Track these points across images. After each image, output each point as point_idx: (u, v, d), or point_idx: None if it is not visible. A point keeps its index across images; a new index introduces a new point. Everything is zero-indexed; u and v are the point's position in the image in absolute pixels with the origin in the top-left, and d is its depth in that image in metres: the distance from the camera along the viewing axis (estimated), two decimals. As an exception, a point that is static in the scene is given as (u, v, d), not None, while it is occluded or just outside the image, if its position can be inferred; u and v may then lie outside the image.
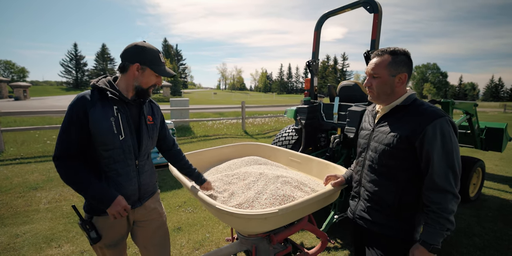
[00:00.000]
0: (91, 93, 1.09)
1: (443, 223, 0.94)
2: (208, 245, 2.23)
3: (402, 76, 1.06)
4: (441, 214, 0.94)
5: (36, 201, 3.13)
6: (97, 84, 1.10)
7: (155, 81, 1.17)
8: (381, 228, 1.10)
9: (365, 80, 1.18)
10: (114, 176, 1.12)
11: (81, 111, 1.04)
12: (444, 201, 0.94)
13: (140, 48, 1.10)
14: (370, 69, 1.10)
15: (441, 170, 0.95)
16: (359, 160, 1.23)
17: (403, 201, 1.05)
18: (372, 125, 1.18)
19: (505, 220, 2.80)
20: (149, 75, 1.13)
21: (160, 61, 1.15)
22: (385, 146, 1.06)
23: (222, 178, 1.78)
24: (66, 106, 1.32)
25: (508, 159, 5.54)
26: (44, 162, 4.75)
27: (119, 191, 1.12)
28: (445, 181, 0.95)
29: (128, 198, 1.16)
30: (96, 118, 1.05)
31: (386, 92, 1.08)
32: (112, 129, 1.08)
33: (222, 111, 13.97)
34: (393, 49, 1.06)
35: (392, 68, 1.05)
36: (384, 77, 1.06)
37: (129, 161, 1.15)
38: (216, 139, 7.13)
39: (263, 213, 1.16)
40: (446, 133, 0.96)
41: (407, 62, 1.06)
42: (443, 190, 0.95)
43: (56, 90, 44.16)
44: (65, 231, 2.46)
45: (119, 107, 1.12)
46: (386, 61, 1.06)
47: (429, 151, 0.96)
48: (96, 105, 1.06)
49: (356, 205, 1.22)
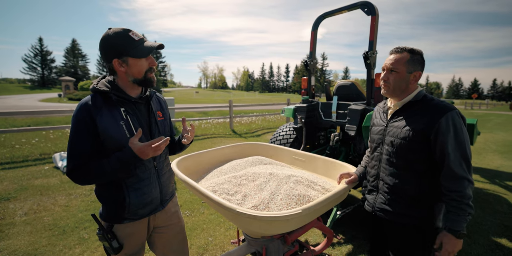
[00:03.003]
0: (93, 98, 0.99)
1: (465, 209, 1.00)
2: (213, 250, 2.17)
3: (417, 74, 1.13)
4: (462, 200, 1.00)
5: (10, 213, 2.80)
6: (97, 87, 0.99)
7: (147, 65, 1.03)
8: (402, 217, 1.15)
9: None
10: (135, 182, 1.04)
11: (88, 120, 0.95)
12: (462, 188, 1.01)
13: (107, 41, 0.96)
14: (390, 64, 1.14)
15: (456, 159, 1.02)
16: (375, 155, 1.27)
17: (422, 190, 1.11)
18: (385, 121, 1.24)
19: (481, 207, 3.06)
20: (135, 64, 0.99)
21: (135, 41, 0.98)
22: (402, 140, 1.12)
23: (230, 179, 1.73)
24: (33, 106, 1.18)
25: (475, 151, 6.04)
26: (14, 169, 4.29)
27: (142, 198, 1.06)
28: (461, 168, 1.02)
29: (152, 202, 1.10)
30: (106, 124, 0.97)
31: (401, 87, 1.14)
32: (124, 133, 1.00)
33: (207, 110, 13.70)
34: (412, 48, 1.13)
35: (410, 65, 1.12)
36: (402, 73, 1.12)
37: (147, 164, 1.08)
38: (205, 139, 6.97)
39: (287, 215, 1.13)
40: (458, 124, 1.04)
41: (422, 61, 1.14)
42: (460, 177, 1.02)
43: (18, 88, 40.27)
44: (50, 245, 2.23)
45: (127, 108, 1.03)
46: (405, 58, 1.12)
47: (444, 142, 1.03)
48: (102, 110, 0.97)
49: (375, 199, 1.27)
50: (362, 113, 2.24)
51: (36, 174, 4.03)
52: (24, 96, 28.38)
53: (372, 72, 2.31)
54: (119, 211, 1.04)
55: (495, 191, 3.63)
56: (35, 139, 6.20)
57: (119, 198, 1.03)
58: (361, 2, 2.26)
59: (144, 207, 1.08)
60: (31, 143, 5.92)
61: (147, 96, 1.11)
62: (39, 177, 3.90)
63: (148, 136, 1.10)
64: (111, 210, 1.05)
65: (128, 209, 1.04)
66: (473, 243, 2.31)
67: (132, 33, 0.98)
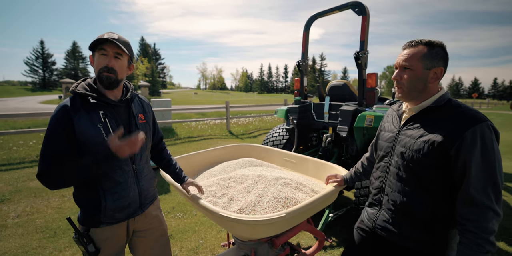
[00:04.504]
0: (72, 100, 0.99)
1: (483, 245, 0.80)
2: (203, 252, 2.15)
3: (437, 70, 0.92)
4: (479, 234, 0.81)
5: (3, 215, 2.79)
6: (76, 90, 0.99)
7: (103, 63, 0.99)
8: (408, 241, 0.97)
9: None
10: (112, 186, 1.03)
11: (65, 121, 0.95)
12: (483, 219, 0.81)
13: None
14: (402, 60, 0.94)
15: (480, 182, 0.82)
16: (382, 165, 1.10)
17: (436, 213, 0.92)
18: (398, 127, 1.05)
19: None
20: (97, 58, 1.00)
21: (100, 37, 0.98)
22: (415, 153, 0.93)
23: (219, 182, 1.71)
24: (33, 108, 1.17)
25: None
26: (10, 170, 4.28)
27: (119, 202, 1.04)
28: (484, 195, 0.82)
29: (129, 206, 1.09)
30: (83, 127, 0.96)
31: (418, 87, 0.94)
32: (101, 136, 0.99)
33: (205, 111, 13.69)
34: (429, 40, 0.92)
35: (428, 60, 0.91)
36: (417, 69, 0.92)
37: (125, 167, 1.06)
38: (201, 140, 6.96)
39: (270, 218, 1.12)
40: (488, 140, 0.83)
41: (443, 55, 0.92)
42: (482, 205, 0.82)
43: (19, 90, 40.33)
44: (40, 248, 2.22)
45: (105, 111, 1.03)
46: (421, 52, 0.91)
47: (467, 161, 0.82)
48: (80, 112, 0.97)
49: (376, 214, 1.10)
50: (353, 114, 2.23)
51: (31, 176, 4.02)
52: (25, 98, 28.40)
53: (364, 72, 2.30)
54: (95, 214, 1.03)
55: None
56: (33, 141, 6.19)
57: (95, 202, 1.02)
58: (352, 2, 2.25)
59: (121, 211, 1.07)
60: (28, 145, 5.91)
61: (127, 99, 1.10)
62: (34, 179, 3.88)
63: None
64: (87, 213, 1.04)
65: (104, 212, 1.02)
66: (467, 245, 2.28)
67: (106, 33, 1.01)
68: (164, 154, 1.40)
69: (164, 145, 1.43)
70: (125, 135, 1.06)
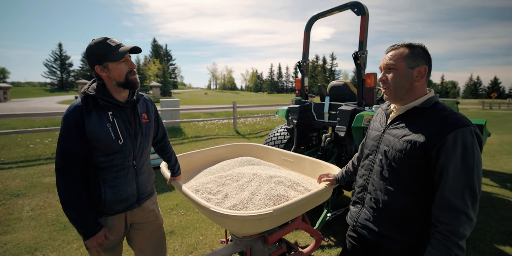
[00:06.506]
0: (85, 101, 1.07)
1: (451, 248, 0.81)
2: (202, 248, 2.21)
3: (421, 69, 0.94)
4: (449, 237, 0.81)
5: (18, 208, 2.98)
6: (88, 92, 1.08)
7: (126, 68, 1.08)
8: (386, 241, 0.98)
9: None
10: (112, 179, 1.12)
11: (78, 121, 1.03)
12: (455, 223, 0.81)
13: (88, 50, 1.06)
14: (386, 60, 0.98)
15: (457, 186, 0.82)
16: (366, 163, 1.11)
17: (415, 214, 0.93)
18: (384, 126, 1.06)
19: (484, 212, 2.92)
20: (114, 68, 1.06)
21: (112, 47, 1.05)
22: (397, 152, 0.94)
23: (216, 179, 1.76)
24: (50, 108, 1.27)
25: (487, 153, 5.79)
26: (26, 167, 4.54)
27: (118, 195, 1.13)
28: (460, 199, 0.82)
29: (127, 199, 1.17)
30: (93, 126, 1.05)
31: (404, 86, 0.96)
32: (110, 135, 1.08)
33: (213, 111, 13.87)
34: (409, 43, 0.97)
35: (410, 60, 0.94)
36: (402, 69, 0.95)
37: (126, 163, 1.15)
38: (208, 139, 7.07)
39: (257, 214, 1.15)
40: (469, 145, 0.82)
41: (425, 55, 0.96)
42: (456, 209, 0.82)
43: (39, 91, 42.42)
44: (50, 240, 2.36)
45: (114, 112, 1.11)
46: (403, 53, 0.95)
47: (445, 164, 0.83)
48: (91, 113, 1.06)
49: (358, 212, 1.10)
50: (352, 113, 2.22)
51: (46, 173, 4.25)
52: (44, 98, 29.85)
53: (363, 72, 2.28)
54: (98, 206, 1.12)
55: (504, 196, 3.46)
56: (48, 139, 6.52)
57: (97, 194, 1.11)
58: (351, 2, 2.24)
59: (119, 203, 1.15)
60: (44, 143, 6.23)
61: (133, 100, 1.18)
62: (48, 175, 4.11)
63: (132, 137, 1.17)
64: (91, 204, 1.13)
65: (104, 204, 1.11)
66: (472, 250, 2.21)
67: (109, 40, 1.06)
68: (166, 148, 1.53)
69: (167, 140, 1.54)
70: (130, 134, 1.16)
